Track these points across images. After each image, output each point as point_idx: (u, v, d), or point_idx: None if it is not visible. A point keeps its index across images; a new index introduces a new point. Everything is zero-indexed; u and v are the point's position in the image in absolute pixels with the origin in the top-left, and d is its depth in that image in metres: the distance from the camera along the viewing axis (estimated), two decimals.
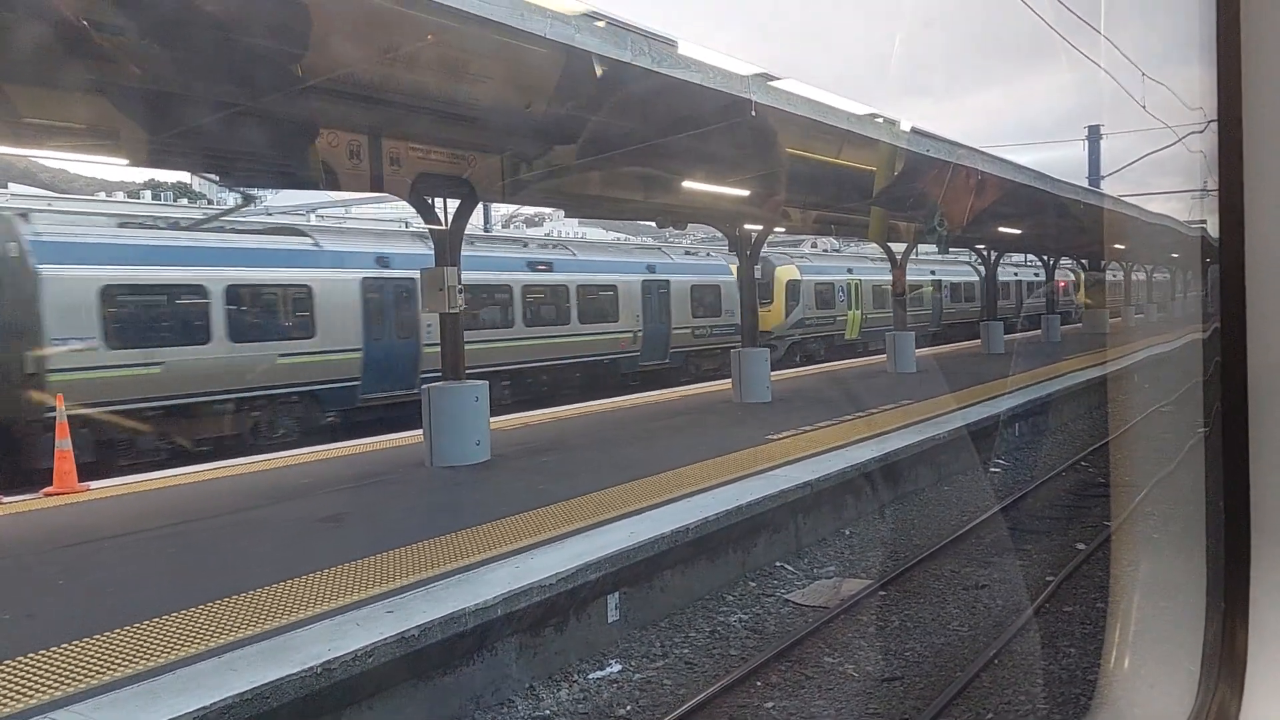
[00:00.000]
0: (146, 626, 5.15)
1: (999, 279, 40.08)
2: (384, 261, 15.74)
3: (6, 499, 8.73)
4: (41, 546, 7.02)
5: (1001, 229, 22.31)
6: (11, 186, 22.55)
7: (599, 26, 6.78)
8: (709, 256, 25.29)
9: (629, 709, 5.74)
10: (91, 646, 4.88)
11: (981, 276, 35.48)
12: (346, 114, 8.31)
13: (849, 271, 29.54)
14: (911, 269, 33.58)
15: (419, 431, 10.50)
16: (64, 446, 9.06)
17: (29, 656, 4.76)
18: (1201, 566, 1.73)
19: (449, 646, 5.33)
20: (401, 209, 22.11)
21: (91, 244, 12.48)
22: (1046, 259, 33.27)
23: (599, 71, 7.14)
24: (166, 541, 7.16)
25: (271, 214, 22.81)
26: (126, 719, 4.08)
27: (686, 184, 11.89)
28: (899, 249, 21.51)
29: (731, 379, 15.45)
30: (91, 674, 4.51)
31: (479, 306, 17.26)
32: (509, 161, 10.12)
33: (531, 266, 19.00)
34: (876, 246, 26.09)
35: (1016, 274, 41.93)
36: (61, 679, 4.46)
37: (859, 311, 29.55)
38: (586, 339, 19.71)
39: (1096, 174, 32.62)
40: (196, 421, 13.14)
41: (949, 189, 13.91)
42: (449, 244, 10.18)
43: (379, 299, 15.49)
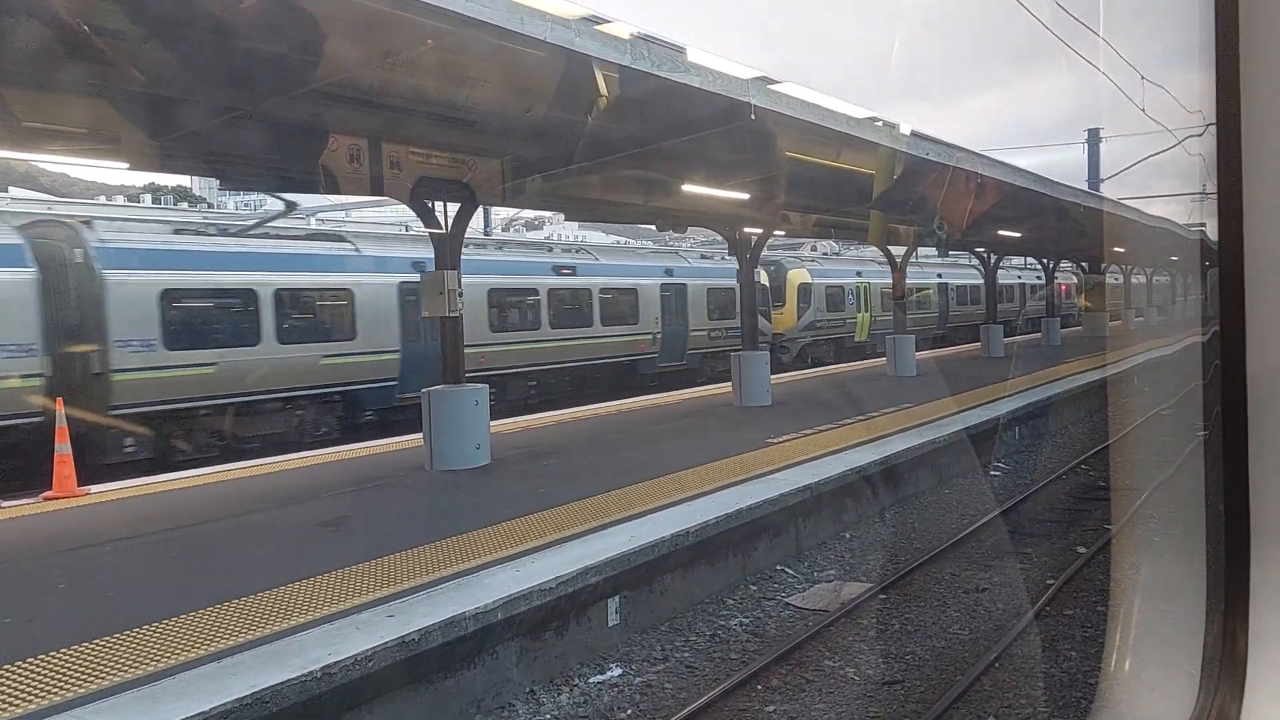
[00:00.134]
0: (147, 630, 5.15)
1: (1003, 282, 40.28)
2: (420, 266, 16.16)
3: (6, 503, 8.73)
4: (42, 550, 7.02)
5: (1001, 232, 22.30)
6: (12, 190, 22.56)
7: (614, 36, 6.81)
8: (723, 260, 25.25)
9: (629, 713, 5.74)
10: (92, 651, 4.87)
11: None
12: (347, 118, 8.32)
13: (858, 275, 29.59)
14: (918, 272, 33.87)
15: (419, 435, 10.50)
16: (63, 450, 9.07)
17: (29, 661, 4.76)
18: (1202, 569, 1.73)
19: (449, 650, 5.32)
20: (400, 213, 22.10)
21: (150, 250, 13.03)
22: (1046, 262, 33.26)
23: (599, 75, 7.15)
24: (166, 545, 7.15)
25: (319, 220, 23.06)
26: None
27: (686, 187, 11.90)
28: (899, 252, 21.48)
29: (732, 382, 15.45)
30: (92, 678, 4.50)
31: (509, 310, 17.89)
32: (509, 165, 10.12)
33: (556, 271, 19.45)
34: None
35: (1020, 277, 41.96)
36: (62, 683, 4.46)
37: (868, 314, 29.61)
38: (609, 341, 20.18)
39: (1096, 177, 32.58)
40: (246, 419, 13.68)
41: (948, 192, 13.91)
42: (449, 248, 10.19)
43: (415, 302, 15.89)
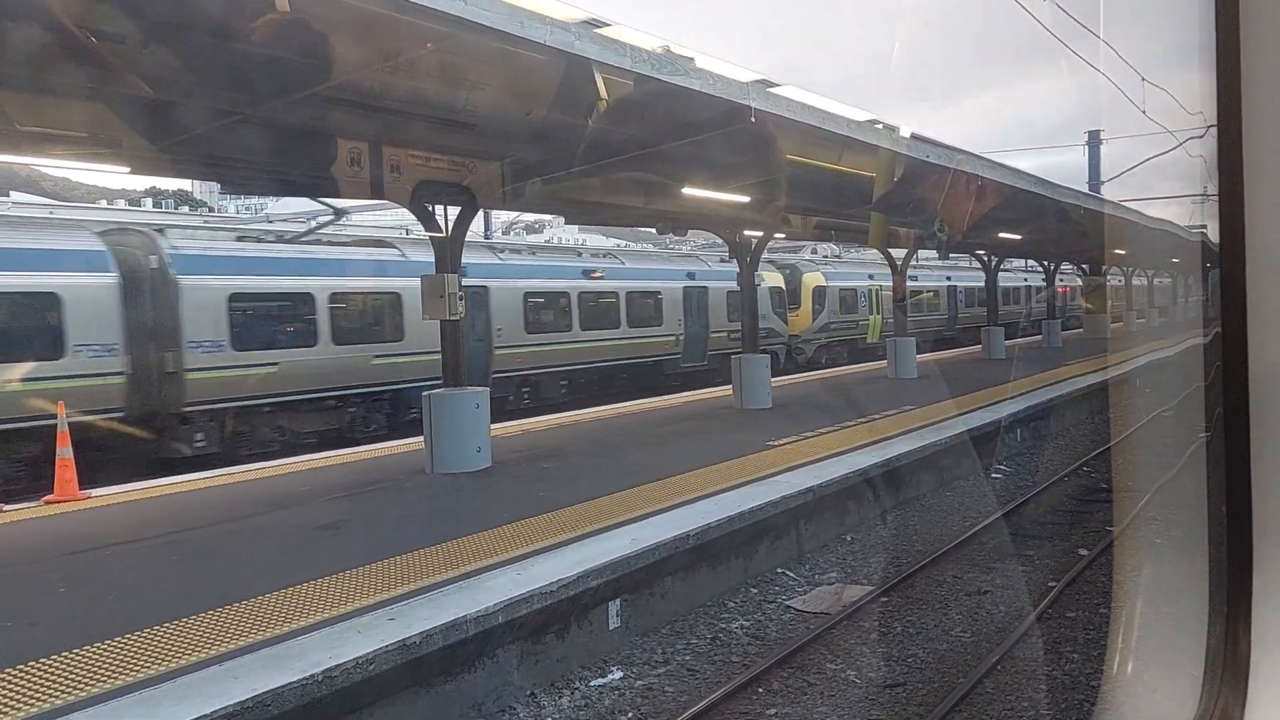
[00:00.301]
0: (147, 634, 5.14)
1: (1009, 284, 40.43)
2: (461, 271, 16.53)
3: (8, 507, 8.73)
4: (43, 554, 7.02)
5: (1002, 234, 22.30)
6: (13, 195, 22.58)
7: (613, 39, 6.82)
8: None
9: (630, 716, 5.73)
10: (93, 654, 4.87)
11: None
12: (347, 121, 8.32)
13: (870, 278, 29.93)
14: (926, 275, 34.11)
15: (419, 438, 10.50)
16: (64, 454, 9.07)
17: (31, 664, 4.75)
18: (1204, 571, 1.73)
19: (450, 653, 5.32)
20: (401, 216, 22.16)
21: (218, 256, 13.89)
22: (1047, 264, 33.26)
23: (599, 78, 7.15)
24: (167, 549, 7.15)
25: (360, 226, 23.73)
26: None
27: (687, 190, 11.90)
28: (899, 255, 21.48)
29: (732, 385, 15.44)
30: (93, 682, 4.50)
31: (542, 312, 18.71)
32: (509, 168, 10.12)
33: (586, 275, 20.28)
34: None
35: (1026, 279, 41.96)
36: (63, 686, 4.45)
37: (879, 316, 29.87)
38: (635, 342, 20.98)
39: (1096, 179, 32.55)
40: (304, 416, 14.44)
41: (949, 194, 13.91)
42: (449, 251, 10.18)
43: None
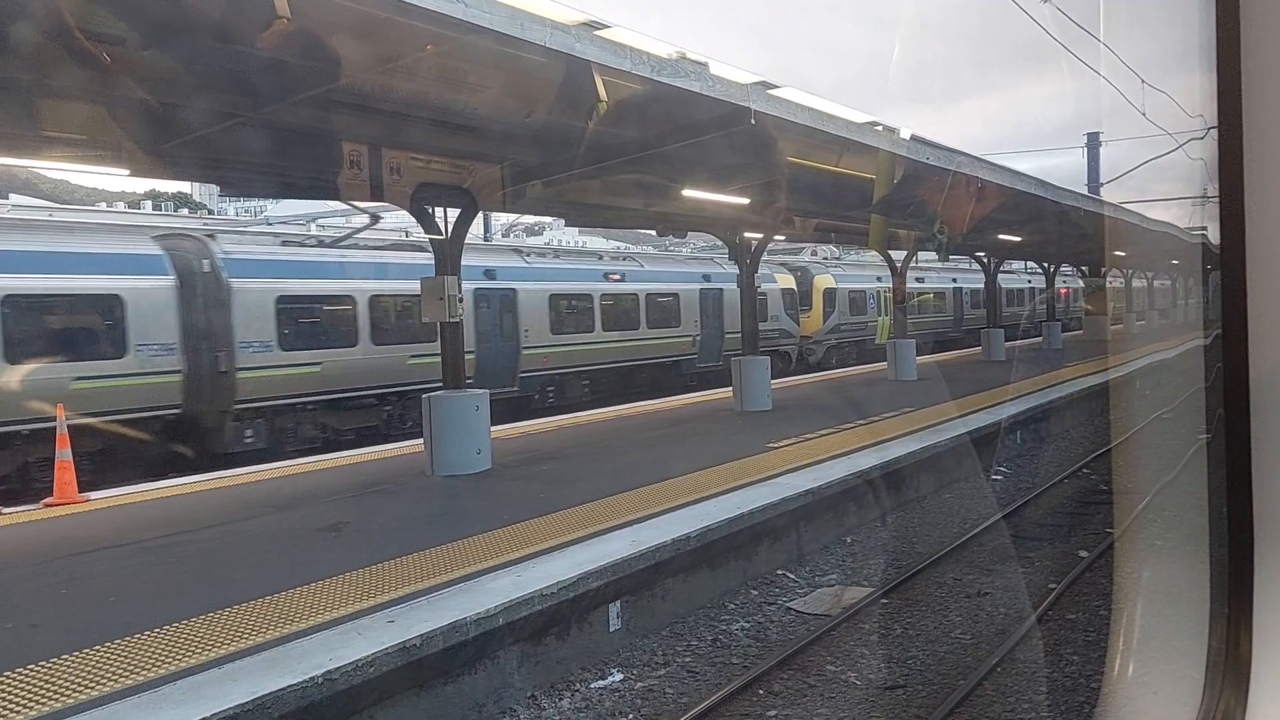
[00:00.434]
0: (148, 636, 5.14)
1: (1014, 286, 40.59)
2: (490, 274, 17.80)
3: (8, 510, 8.73)
4: (44, 556, 7.02)
5: (1002, 236, 22.30)
6: (13, 197, 22.58)
7: (613, 41, 6.83)
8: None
9: (631, 718, 5.72)
10: (93, 657, 4.87)
11: (999, 286, 35.91)
12: (347, 123, 8.32)
13: (878, 280, 30.17)
14: (934, 277, 34.29)
15: (419, 441, 10.49)
16: (64, 457, 9.06)
17: (32, 667, 4.75)
18: (1205, 572, 1.73)
19: (451, 655, 5.32)
20: (401, 218, 22.20)
21: (266, 260, 14.44)
22: (1047, 266, 33.27)
23: (598, 80, 7.15)
24: (167, 551, 7.14)
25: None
26: None
27: (687, 192, 11.90)
28: (899, 257, 21.48)
29: (732, 387, 15.43)
30: (94, 684, 4.50)
31: (566, 314, 19.41)
32: (509, 170, 10.12)
33: (607, 277, 20.94)
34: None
35: (1030, 281, 42.00)
36: (64, 689, 4.45)
37: (887, 318, 30.09)
38: (654, 342, 21.69)
39: (1096, 181, 32.59)
40: (345, 414, 15.02)
41: (948, 196, 13.91)
42: (449, 253, 10.18)
43: (487, 307, 17.54)
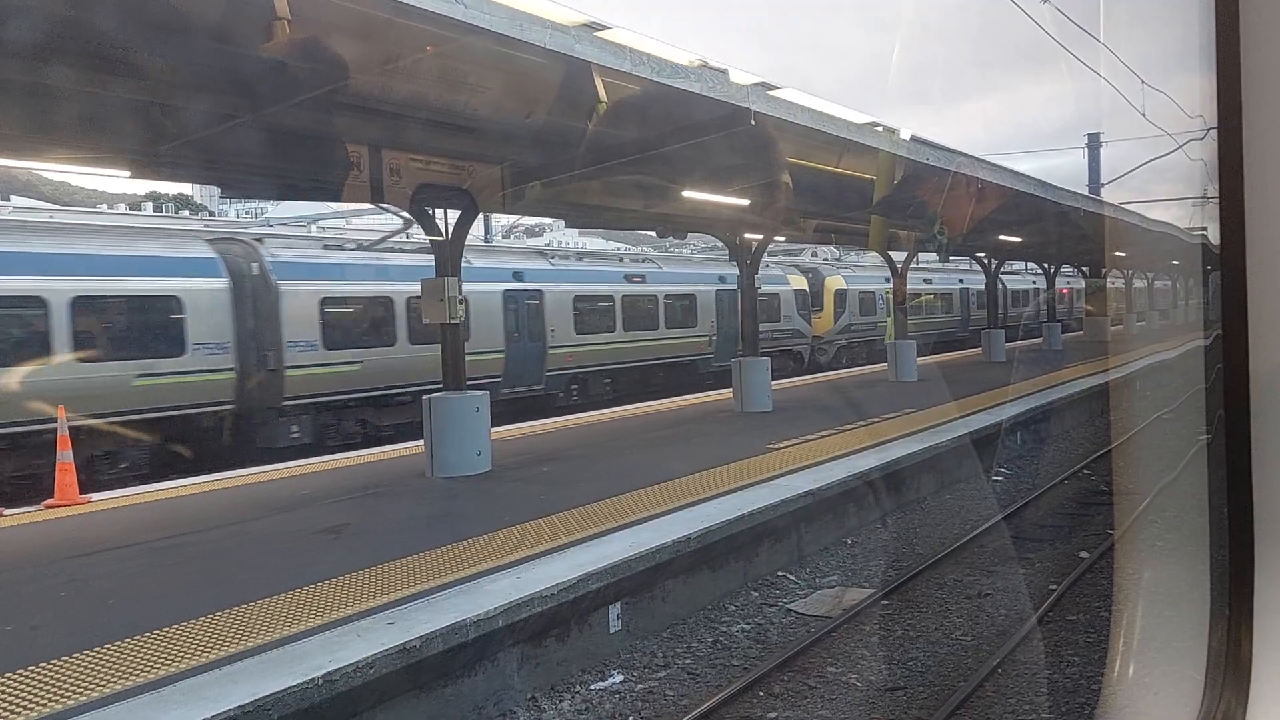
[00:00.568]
0: (148, 638, 5.14)
1: (1020, 287, 40.69)
2: (519, 276, 18.49)
3: (8, 511, 8.73)
4: (44, 558, 7.01)
5: (1002, 237, 22.30)
6: (14, 199, 22.60)
7: (613, 42, 6.84)
8: (768, 268, 27.37)
9: None
10: (94, 658, 4.86)
11: (1005, 286, 36.12)
12: (347, 125, 8.32)
13: (886, 281, 30.13)
14: (940, 278, 34.39)
15: (420, 442, 10.49)
16: (65, 458, 9.06)
17: (32, 668, 4.75)
18: (1205, 573, 1.72)
19: (451, 657, 5.31)
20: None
21: (310, 263, 15.06)
22: (1048, 267, 33.27)
23: (598, 81, 7.15)
24: (168, 553, 7.14)
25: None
26: None
27: (687, 193, 11.90)
28: (900, 258, 21.48)
29: (733, 388, 15.43)
30: (94, 685, 4.49)
31: (589, 314, 19.89)
32: (509, 171, 10.12)
33: (628, 279, 21.45)
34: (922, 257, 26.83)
35: (1035, 282, 42.01)
36: (65, 690, 4.45)
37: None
38: (672, 342, 22.22)
39: (1097, 181, 32.60)
40: (384, 411, 15.51)
41: (949, 197, 13.91)
42: (449, 254, 10.18)
43: (515, 308, 18.17)
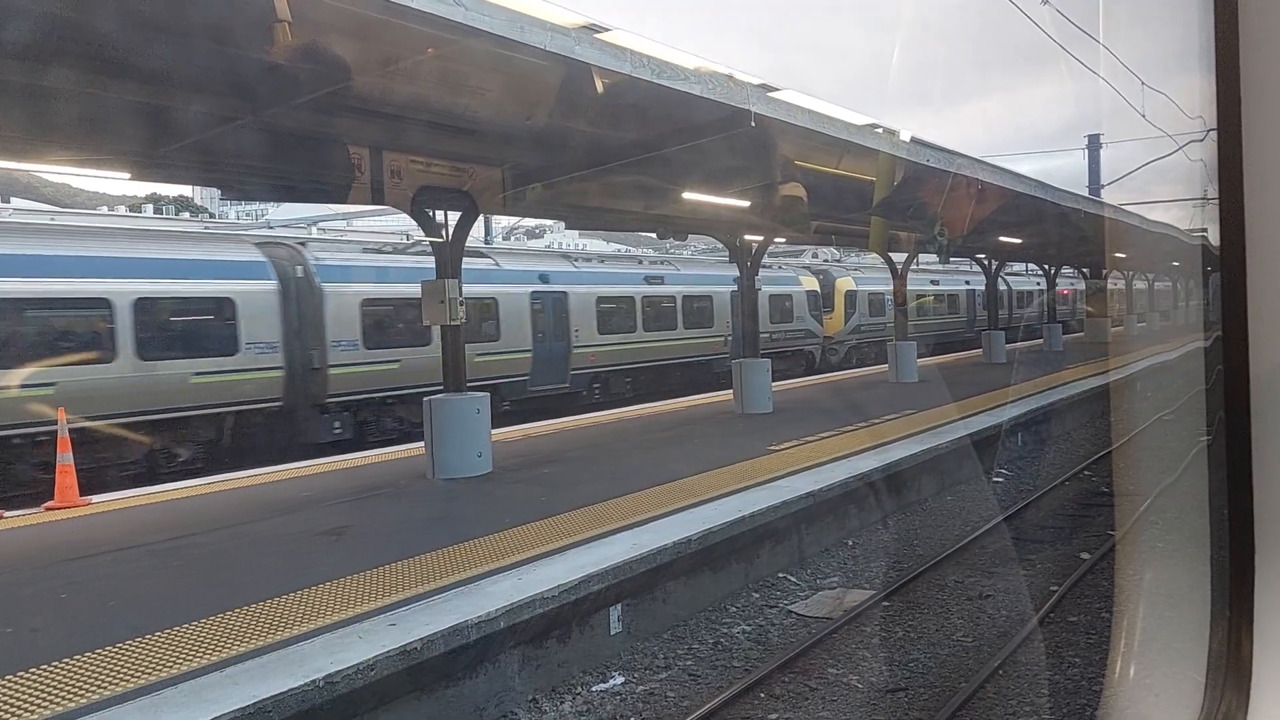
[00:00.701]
0: (149, 640, 5.14)
1: (1024, 288, 40.74)
2: (545, 278, 19.14)
3: (8, 513, 8.73)
4: (44, 560, 7.01)
5: (1002, 238, 22.31)
6: (14, 201, 22.61)
7: (613, 44, 6.85)
8: (781, 269, 28.01)
9: None
10: (94, 660, 4.86)
11: (1008, 287, 36.15)
12: (347, 127, 8.32)
13: None
14: (946, 279, 34.46)
15: (420, 444, 10.49)
16: (65, 461, 9.07)
17: (32, 671, 4.75)
18: (1206, 574, 1.72)
19: (452, 658, 5.31)
20: (402, 221, 22.31)
21: (351, 266, 15.65)
22: (1048, 268, 33.26)
23: (599, 83, 7.16)
24: (169, 555, 7.14)
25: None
26: None
27: (687, 195, 11.90)
28: (900, 259, 21.48)
29: (733, 389, 15.43)
30: (94, 688, 4.49)
31: (611, 315, 20.53)
32: (509, 173, 10.12)
33: (648, 280, 22.12)
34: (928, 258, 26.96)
35: (1039, 284, 41.97)
36: (65, 693, 4.45)
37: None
38: (690, 342, 22.87)
39: (1097, 182, 32.63)
40: (418, 408, 15.43)
41: (949, 198, 13.91)
42: (450, 256, 10.18)
43: (542, 308, 18.79)
